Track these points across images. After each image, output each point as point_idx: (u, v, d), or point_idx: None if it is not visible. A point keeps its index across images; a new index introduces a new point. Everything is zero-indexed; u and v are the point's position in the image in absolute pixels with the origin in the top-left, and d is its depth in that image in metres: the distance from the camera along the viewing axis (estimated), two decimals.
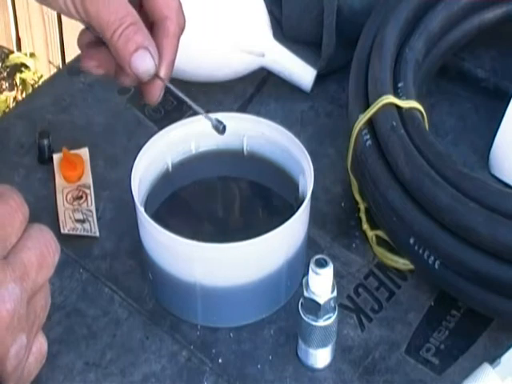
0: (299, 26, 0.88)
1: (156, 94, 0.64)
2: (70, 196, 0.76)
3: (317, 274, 0.61)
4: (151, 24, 0.64)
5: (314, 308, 0.62)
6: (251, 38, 0.83)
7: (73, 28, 1.84)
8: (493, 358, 0.61)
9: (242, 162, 0.74)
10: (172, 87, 0.65)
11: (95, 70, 0.66)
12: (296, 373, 0.66)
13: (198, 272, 0.66)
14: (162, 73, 0.63)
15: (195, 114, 0.67)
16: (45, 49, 2.07)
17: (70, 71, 0.89)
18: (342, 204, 0.77)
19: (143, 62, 0.61)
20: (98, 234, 0.74)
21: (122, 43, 0.61)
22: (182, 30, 0.64)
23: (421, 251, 0.67)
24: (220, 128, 0.65)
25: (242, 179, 0.75)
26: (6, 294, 0.45)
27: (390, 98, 0.71)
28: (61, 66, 2.00)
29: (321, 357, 0.66)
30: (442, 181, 0.66)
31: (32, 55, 2.12)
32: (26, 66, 2.13)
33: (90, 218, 0.75)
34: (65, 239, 0.72)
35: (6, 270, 0.46)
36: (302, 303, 0.63)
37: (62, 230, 0.73)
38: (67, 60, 2.01)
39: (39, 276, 0.48)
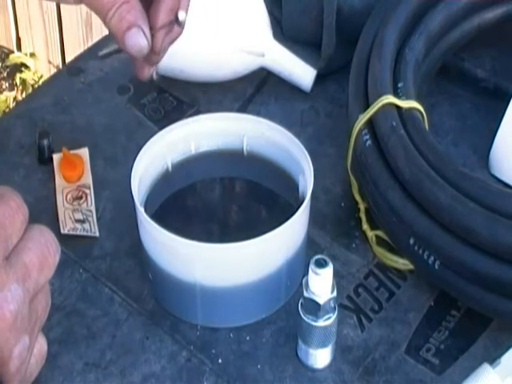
0: (299, 26, 0.88)
1: (147, 70, 0.65)
2: (69, 196, 0.76)
3: (317, 274, 0.60)
4: None
5: (314, 308, 0.62)
6: (251, 38, 0.83)
7: (73, 28, 1.85)
8: (493, 358, 0.61)
9: (241, 162, 0.74)
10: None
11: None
12: (296, 373, 0.66)
13: (198, 272, 0.66)
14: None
15: (195, 114, 0.67)
16: (45, 49, 2.07)
17: (69, 71, 0.89)
18: (342, 204, 0.77)
19: (136, 41, 0.62)
20: (97, 234, 0.74)
21: (115, 22, 0.62)
22: None
23: (421, 251, 0.67)
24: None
25: (242, 179, 0.75)
26: (8, 295, 0.45)
27: (390, 98, 0.71)
28: (61, 66, 2.00)
29: (321, 357, 0.66)
30: (441, 181, 0.66)
31: (32, 55, 2.12)
32: (26, 66, 2.13)
33: (90, 218, 0.75)
34: (65, 239, 0.71)
35: (9, 271, 0.46)
36: (301, 303, 0.63)
37: (61, 230, 0.73)
38: (67, 60, 2.01)
39: (40, 276, 0.48)
